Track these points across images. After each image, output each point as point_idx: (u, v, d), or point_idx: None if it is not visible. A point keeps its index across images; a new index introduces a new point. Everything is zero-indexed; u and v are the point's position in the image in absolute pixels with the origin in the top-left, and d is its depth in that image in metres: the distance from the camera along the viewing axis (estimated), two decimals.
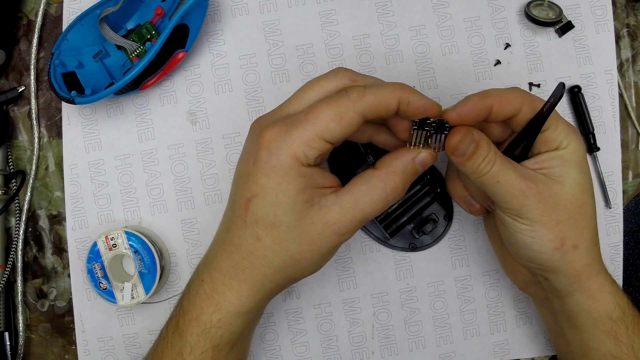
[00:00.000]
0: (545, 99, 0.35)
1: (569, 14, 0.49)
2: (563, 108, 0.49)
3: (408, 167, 0.36)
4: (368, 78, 0.37)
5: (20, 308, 0.49)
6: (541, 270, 0.38)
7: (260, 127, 0.36)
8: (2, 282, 0.47)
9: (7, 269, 0.48)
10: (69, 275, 0.49)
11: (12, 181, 0.49)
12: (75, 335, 0.49)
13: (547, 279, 0.39)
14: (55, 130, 0.50)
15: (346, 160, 0.47)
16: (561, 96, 0.34)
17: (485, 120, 0.37)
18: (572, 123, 0.49)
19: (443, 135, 0.36)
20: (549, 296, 0.41)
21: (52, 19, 0.50)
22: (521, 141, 0.37)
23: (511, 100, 0.36)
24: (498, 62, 0.49)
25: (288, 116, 0.35)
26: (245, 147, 0.37)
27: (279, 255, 0.35)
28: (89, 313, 0.48)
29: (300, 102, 0.36)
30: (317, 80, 0.37)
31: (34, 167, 0.49)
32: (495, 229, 0.41)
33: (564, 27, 0.48)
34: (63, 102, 0.48)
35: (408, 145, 0.36)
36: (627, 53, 0.50)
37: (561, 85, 0.34)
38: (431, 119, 0.35)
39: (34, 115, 0.49)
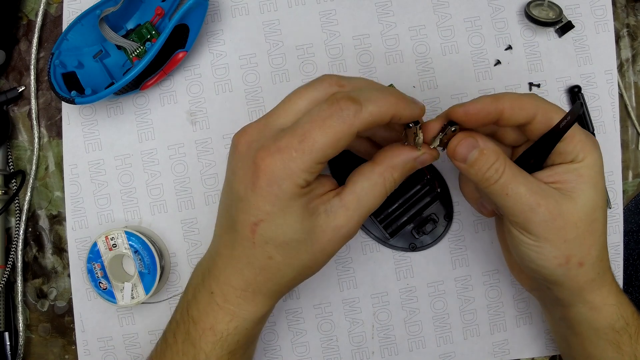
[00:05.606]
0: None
1: (569, 14, 0.49)
2: (563, 108, 0.49)
3: (408, 164, 0.36)
4: (355, 81, 0.36)
5: (20, 308, 0.49)
6: (544, 282, 0.38)
7: (250, 147, 0.34)
8: (2, 282, 0.47)
9: (7, 269, 0.48)
10: (69, 275, 0.49)
11: (12, 181, 0.49)
12: (75, 335, 0.48)
13: (550, 289, 0.38)
14: (55, 130, 0.50)
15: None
16: (579, 116, 0.33)
17: (497, 124, 0.36)
18: None
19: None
20: (553, 302, 0.40)
21: (52, 19, 0.50)
22: (535, 152, 0.36)
23: (524, 107, 0.35)
24: (498, 62, 0.49)
25: (279, 133, 0.34)
26: (235, 166, 0.35)
27: (292, 266, 0.35)
28: (89, 313, 0.48)
29: (288, 113, 0.35)
30: (304, 89, 0.35)
31: (34, 167, 0.49)
32: (504, 231, 0.40)
33: (564, 27, 0.48)
34: (63, 102, 0.48)
35: (404, 143, 0.36)
36: (627, 53, 0.50)
37: (579, 104, 0.33)
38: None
39: (34, 115, 0.49)
